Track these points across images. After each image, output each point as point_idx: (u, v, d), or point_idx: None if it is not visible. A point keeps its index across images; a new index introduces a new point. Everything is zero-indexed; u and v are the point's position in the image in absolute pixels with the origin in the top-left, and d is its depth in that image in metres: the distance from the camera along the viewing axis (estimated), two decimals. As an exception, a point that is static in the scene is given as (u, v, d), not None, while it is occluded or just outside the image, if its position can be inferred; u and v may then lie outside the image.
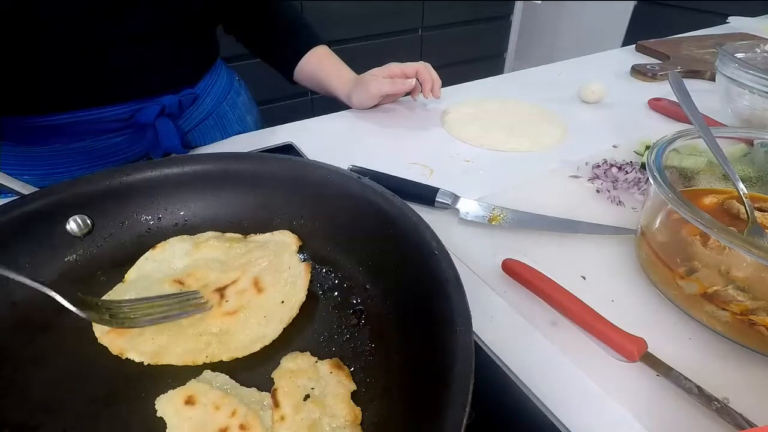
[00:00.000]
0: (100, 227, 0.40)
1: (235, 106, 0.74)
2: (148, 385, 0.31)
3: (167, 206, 0.43)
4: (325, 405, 0.28)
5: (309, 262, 0.38)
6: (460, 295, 0.28)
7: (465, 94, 0.80)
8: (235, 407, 0.28)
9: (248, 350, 0.32)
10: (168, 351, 0.32)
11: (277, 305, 0.35)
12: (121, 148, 0.61)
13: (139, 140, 0.62)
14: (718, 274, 0.35)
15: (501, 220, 0.47)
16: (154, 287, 0.36)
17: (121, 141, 0.61)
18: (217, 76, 0.71)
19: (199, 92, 0.66)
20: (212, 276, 0.37)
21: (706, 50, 0.96)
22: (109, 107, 0.57)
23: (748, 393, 0.32)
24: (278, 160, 0.44)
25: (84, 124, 0.57)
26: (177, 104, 0.61)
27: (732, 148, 0.47)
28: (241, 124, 0.75)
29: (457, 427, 0.21)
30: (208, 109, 0.69)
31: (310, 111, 1.95)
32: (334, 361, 0.31)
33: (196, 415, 0.28)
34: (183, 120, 0.65)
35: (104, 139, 0.60)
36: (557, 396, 0.32)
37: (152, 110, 0.59)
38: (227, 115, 0.72)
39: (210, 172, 0.43)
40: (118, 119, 0.58)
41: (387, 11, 1.88)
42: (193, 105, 0.66)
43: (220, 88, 0.71)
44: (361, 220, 0.39)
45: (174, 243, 0.40)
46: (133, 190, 0.41)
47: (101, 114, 0.57)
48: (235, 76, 0.78)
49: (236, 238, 0.41)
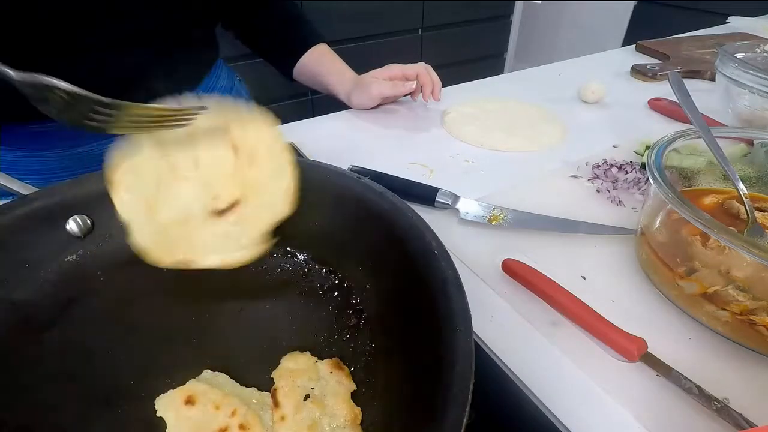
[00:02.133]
0: (100, 227, 0.40)
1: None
2: (148, 385, 0.31)
3: (167, 206, 0.43)
4: (325, 405, 0.28)
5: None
6: (460, 295, 0.28)
7: (465, 94, 0.80)
8: (235, 407, 0.28)
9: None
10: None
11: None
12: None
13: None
14: (718, 274, 0.35)
15: (501, 220, 0.47)
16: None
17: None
18: (218, 77, 0.71)
19: (201, 93, 0.66)
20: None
21: (706, 50, 0.96)
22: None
23: (748, 393, 0.32)
24: (278, 160, 0.44)
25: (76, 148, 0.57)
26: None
27: (732, 148, 0.47)
28: None
29: (457, 427, 0.21)
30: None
31: (310, 111, 1.95)
32: (334, 361, 0.31)
33: (196, 415, 0.28)
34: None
35: (106, 144, 0.60)
36: (557, 396, 0.32)
37: None
38: None
39: (210, 172, 0.43)
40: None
41: (387, 11, 1.88)
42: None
43: (221, 89, 0.71)
44: (361, 220, 0.39)
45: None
46: (133, 190, 0.41)
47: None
48: (236, 77, 0.78)
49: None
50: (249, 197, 0.34)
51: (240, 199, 0.34)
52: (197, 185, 0.35)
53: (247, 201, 0.34)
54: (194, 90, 0.65)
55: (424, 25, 2.03)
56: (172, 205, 0.34)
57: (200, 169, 0.35)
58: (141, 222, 0.33)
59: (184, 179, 0.35)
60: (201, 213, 0.34)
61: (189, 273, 0.34)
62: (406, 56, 2.05)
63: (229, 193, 0.35)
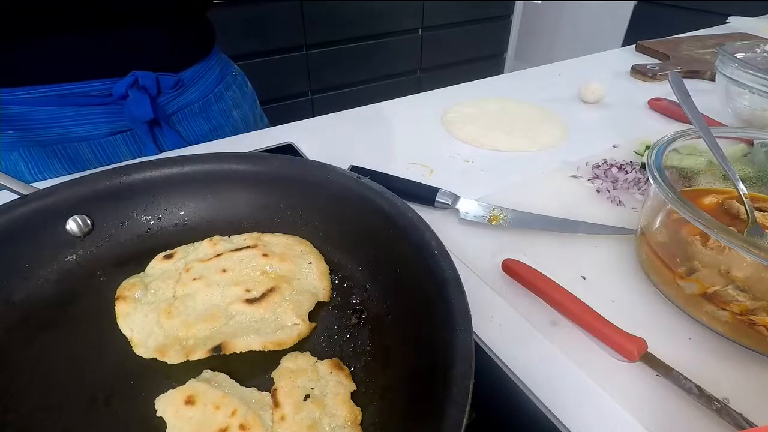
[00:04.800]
0: (100, 227, 0.40)
1: (221, 99, 0.74)
2: (148, 384, 0.31)
3: (167, 206, 0.43)
4: (325, 405, 0.28)
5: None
6: (460, 295, 0.28)
7: (465, 94, 0.80)
8: (235, 407, 0.28)
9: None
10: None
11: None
12: (102, 121, 0.62)
13: (120, 113, 0.62)
14: (718, 274, 0.35)
15: (501, 220, 0.47)
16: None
17: (100, 113, 0.61)
18: (209, 68, 0.71)
19: (186, 79, 0.67)
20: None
21: (706, 50, 0.96)
22: (86, 83, 0.58)
23: (748, 393, 0.32)
24: (278, 160, 0.44)
25: (62, 97, 0.58)
26: (153, 78, 0.62)
27: (732, 148, 0.47)
28: (225, 117, 0.75)
29: (457, 427, 0.21)
30: (194, 97, 0.69)
31: (310, 111, 1.95)
32: (334, 361, 0.31)
33: (196, 414, 0.28)
34: (163, 98, 0.66)
35: (82, 111, 0.60)
36: (557, 396, 0.32)
37: (125, 81, 0.60)
38: (212, 107, 0.72)
39: (210, 172, 0.43)
40: (96, 94, 0.60)
41: (387, 11, 1.88)
42: (176, 88, 0.66)
43: (209, 80, 0.71)
44: (360, 220, 0.39)
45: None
46: (133, 190, 0.41)
47: (78, 88, 0.58)
48: (231, 71, 0.78)
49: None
50: (283, 286, 0.36)
51: (274, 287, 0.36)
52: (227, 285, 0.36)
53: (281, 289, 0.36)
54: (178, 74, 0.65)
55: (424, 25, 2.03)
56: (195, 307, 0.35)
57: (228, 273, 0.37)
58: (150, 330, 0.34)
59: (209, 285, 0.36)
60: (232, 306, 0.35)
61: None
62: (406, 56, 2.05)
63: (261, 284, 0.36)
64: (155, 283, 0.37)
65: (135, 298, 0.36)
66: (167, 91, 0.65)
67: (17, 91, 0.56)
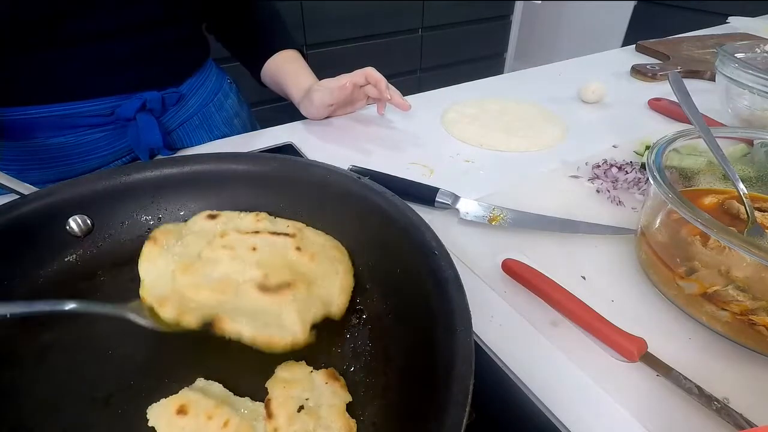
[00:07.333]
0: (100, 227, 0.40)
1: (221, 108, 0.74)
2: (148, 385, 0.31)
3: (167, 206, 0.43)
4: (319, 416, 0.28)
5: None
6: (460, 295, 0.28)
7: (465, 94, 0.80)
8: (227, 417, 0.27)
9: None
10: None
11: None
12: (102, 145, 0.61)
13: (121, 136, 0.62)
14: (718, 274, 0.35)
15: (501, 220, 0.47)
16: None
17: (102, 137, 0.61)
18: (206, 77, 0.71)
19: (185, 92, 0.66)
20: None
21: (706, 50, 0.96)
22: (89, 102, 0.57)
23: (748, 393, 0.32)
24: (278, 160, 0.44)
25: (63, 118, 0.57)
26: (159, 100, 0.61)
27: (732, 148, 0.47)
28: (228, 126, 0.75)
29: (457, 427, 0.21)
30: (193, 109, 0.69)
31: (310, 111, 1.94)
32: (329, 371, 0.31)
33: (187, 425, 0.27)
34: (166, 117, 0.65)
35: (83, 134, 0.60)
36: (557, 396, 0.32)
37: (133, 105, 0.59)
38: (213, 117, 0.72)
39: (210, 172, 0.43)
40: (98, 114, 0.59)
41: (387, 11, 1.87)
42: (177, 104, 0.66)
43: (207, 89, 0.71)
44: (360, 220, 0.39)
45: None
46: (133, 190, 0.41)
47: (79, 108, 0.57)
48: (226, 79, 0.78)
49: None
50: (300, 285, 0.34)
51: (291, 282, 0.34)
52: (249, 265, 0.35)
53: (297, 287, 0.34)
54: (178, 87, 0.65)
55: (424, 25, 2.02)
56: (212, 274, 0.35)
57: (257, 253, 0.36)
58: (162, 279, 0.33)
59: (235, 257, 0.35)
60: (244, 285, 0.34)
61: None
62: (406, 56, 2.05)
63: (281, 275, 0.35)
64: (189, 237, 0.37)
65: (164, 245, 0.36)
66: (169, 107, 0.65)
67: (18, 111, 0.55)
